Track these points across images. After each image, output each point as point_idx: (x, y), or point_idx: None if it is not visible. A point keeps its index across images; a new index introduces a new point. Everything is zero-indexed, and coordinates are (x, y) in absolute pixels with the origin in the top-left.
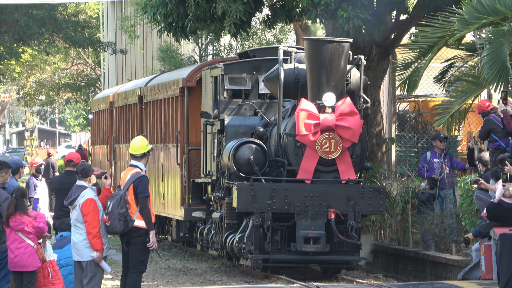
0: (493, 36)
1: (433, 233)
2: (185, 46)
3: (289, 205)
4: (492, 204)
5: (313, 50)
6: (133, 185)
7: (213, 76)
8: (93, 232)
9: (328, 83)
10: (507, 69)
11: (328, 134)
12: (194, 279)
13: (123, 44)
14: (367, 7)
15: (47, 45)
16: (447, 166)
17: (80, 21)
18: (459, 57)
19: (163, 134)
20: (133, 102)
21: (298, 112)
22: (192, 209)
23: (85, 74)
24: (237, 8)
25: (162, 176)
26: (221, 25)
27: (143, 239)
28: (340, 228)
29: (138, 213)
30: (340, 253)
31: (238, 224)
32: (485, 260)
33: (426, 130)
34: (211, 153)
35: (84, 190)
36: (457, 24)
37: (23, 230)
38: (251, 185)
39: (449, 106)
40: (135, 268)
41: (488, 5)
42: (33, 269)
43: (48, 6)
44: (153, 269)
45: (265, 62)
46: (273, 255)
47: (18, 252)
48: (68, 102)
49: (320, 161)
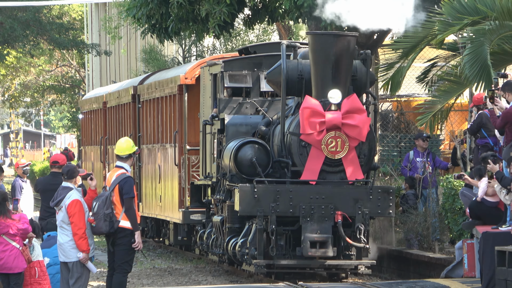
0: (474, 35)
1: (416, 232)
2: (168, 47)
3: (294, 207)
4: (475, 202)
5: (318, 45)
6: (118, 186)
7: (212, 74)
8: (79, 233)
9: (333, 79)
10: (488, 67)
11: (334, 132)
12: (179, 279)
13: (107, 46)
14: None
15: (31, 47)
16: (429, 165)
17: (64, 23)
18: (441, 56)
19: (160, 133)
20: (127, 101)
21: (303, 110)
22: (191, 211)
23: (70, 76)
24: (221, 10)
25: (159, 177)
26: (204, 27)
27: (129, 240)
28: (348, 231)
29: (124, 214)
30: (348, 257)
31: (240, 228)
32: (467, 258)
33: (408, 129)
34: (211, 154)
35: (70, 191)
36: (439, 25)
37: (8, 233)
38: (254, 187)
39: (431, 105)
40: (121, 269)
41: (468, 5)
42: (19, 271)
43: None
44: (138, 269)
45: (266, 58)
46: (277, 260)
47: (4, 255)
48: (53, 104)
49: (326, 161)
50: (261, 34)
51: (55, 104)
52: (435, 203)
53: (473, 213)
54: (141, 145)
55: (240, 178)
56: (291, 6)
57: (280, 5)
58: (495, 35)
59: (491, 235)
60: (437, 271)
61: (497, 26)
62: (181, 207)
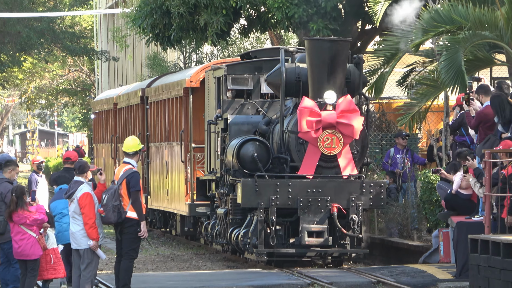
0: (449, 43)
1: (396, 222)
2: (171, 54)
3: (292, 200)
4: (450, 195)
5: (314, 50)
6: (126, 180)
7: (216, 77)
8: (90, 223)
9: (328, 81)
10: (462, 73)
11: (329, 130)
12: (181, 264)
13: (115, 52)
14: (336, 18)
15: (46, 54)
16: (408, 161)
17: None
18: (419, 62)
19: (167, 132)
20: (136, 102)
21: (300, 110)
22: (196, 204)
23: (81, 80)
24: (218, 19)
25: (166, 173)
26: (203, 35)
27: (135, 229)
28: (342, 222)
29: (131, 205)
30: (342, 246)
31: (242, 220)
32: (443, 245)
33: (389, 128)
34: (215, 151)
35: (81, 185)
36: (416, 31)
37: (25, 223)
38: (255, 182)
39: (410, 107)
40: (128, 255)
41: (444, 15)
42: (36, 258)
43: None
44: (144, 256)
45: (266, 62)
46: (277, 249)
47: (22, 243)
48: (66, 105)
49: (322, 157)
50: (255, 42)
51: (68, 105)
52: (414, 196)
53: (448, 204)
54: (149, 143)
55: (242, 173)
56: (282, 17)
57: (272, 16)
58: (469, 43)
59: (465, 225)
60: (416, 257)
61: (470, 35)
62: (187, 201)
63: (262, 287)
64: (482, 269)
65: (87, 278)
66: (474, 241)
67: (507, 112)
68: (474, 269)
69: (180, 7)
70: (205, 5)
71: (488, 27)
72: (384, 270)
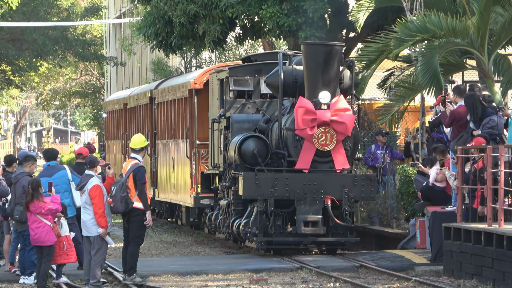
0: (425, 50)
1: (377, 211)
2: (173, 59)
3: (289, 192)
4: (426, 187)
5: (310, 53)
6: (132, 173)
7: (219, 79)
8: (99, 212)
9: (323, 83)
10: (438, 76)
11: (324, 128)
12: (182, 250)
13: (123, 58)
14: (322, 27)
15: (60, 60)
16: (388, 156)
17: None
18: (398, 67)
19: (173, 130)
20: (144, 103)
21: (297, 109)
22: (201, 197)
23: (91, 83)
24: (215, 28)
25: (172, 167)
26: (202, 42)
27: (141, 218)
28: (336, 212)
29: (137, 197)
30: (336, 235)
31: (243, 210)
32: (420, 233)
33: (370, 127)
34: (218, 147)
35: (91, 178)
36: (394, 41)
37: (41, 213)
38: (255, 175)
39: (389, 107)
40: (134, 242)
41: (419, 25)
42: (51, 244)
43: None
44: (148, 242)
45: (266, 65)
46: (275, 238)
47: (38, 231)
48: (78, 106)
49: (317, 152)
50: (249, 48)
51: (80, 106)
52: (393, 188)
53: (424, 196)
54: (156, 140)
55: (243, 167)
56: (273, 26)
57: (264, 25)
58: (443, 49)
59: (439, 214)
60: (395, 244)
61: (444, 42)
62: (192, 193)
63: (256, 271)
64: (455, 254)
65: (97, 262)
66: (447, 229)
67: (479, 110)
68: (447, 254)
69: (181, 17)
70: (203, 15)
71: (460, 35)
72: (366, 255)
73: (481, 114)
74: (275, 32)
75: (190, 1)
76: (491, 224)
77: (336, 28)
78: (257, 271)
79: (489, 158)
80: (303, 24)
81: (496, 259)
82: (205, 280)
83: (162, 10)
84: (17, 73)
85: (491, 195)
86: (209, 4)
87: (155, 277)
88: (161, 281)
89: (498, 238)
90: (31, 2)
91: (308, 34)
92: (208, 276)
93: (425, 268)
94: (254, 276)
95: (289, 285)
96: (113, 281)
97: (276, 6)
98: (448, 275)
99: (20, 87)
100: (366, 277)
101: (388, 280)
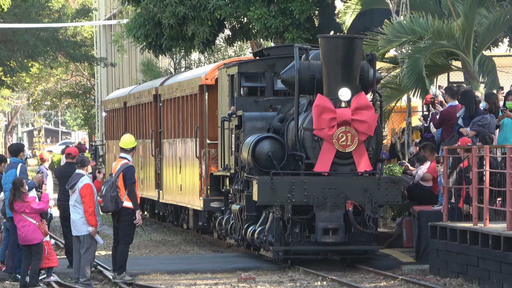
0: (411, 51)
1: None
2: (162, 60)
3: (308, 197)
4: (412, 186)
5: (328, 47)
6: (122, 173)
7: (229, 75)
8: (90, 211)
9: (343, 79)
10: (423, 78)
11: (344, 127)
12: (171, 249)
13: (113, 59)
14: (308, 29)
15: (51, 61)
16: None
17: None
18: (384, 68)
19: (181, 129)
20: (148, 101)
21: (315, 107)
22: (210, 200)
23: (82, 84)
24: (204, 30)
25: (179, 168)
26: (191, 44)
27: (131, 217)
28: (358, 218)
29: (127, 196)
30: (358, 243)
31: (257, 216)
32: (406, 232)
33: None
34: (229, 147)
35: (82, 177)
36: (381, 42)
37: (25, 212)
38: (271, 179)
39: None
40: (124, 240)
41: (406, 26)
42: (38, 242)
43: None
44: (138, 241)
45: (279, 60)
46: (293, 247)
47: (24, 230)
48: (69, 106)
49: (337, 154)
50: (238, 50)
51: (70, 106)
52: None
53: (411, 195)
54: (162, 140)
55: (257, 170)
56: (261, 27)
57: (253, 26)
58: (428, 51)
59: (425, 213)
60: (381, 242)
61: (430, 44)
62: (201, 195)
63: (244, 269)
64: (441, 253)
65: (86, 261)
66: (433, 228)
67: (474, 107)
68: (433, 253)
69: (170, 19)
70: (192, 17)
71: (445, 37)
72: None
73: (474, 111)
74: (262, 34)
75: (179, 3)
76: (477, 223)
77: (323, 30)
78: (245, 270)
79: (474, 158)
80: (290, 25)
81: (482, 258)
82: (194, 279)
83: (151, 12)
84: (8, 73)
85: (476, 195)
86: (197, 6)
87: (144, 275)
88: (150, 279)
89: (484, 237)
90: (23, 4)
91: (295, 35)
92: (196, 274)
93: (412, 267)
94: (242, 275)
95: (277, 284)
96: (103, 279)
97: (264, 8)
98: (434, 274)
99: (12, 87)
100: (353, 276)
101: (374, 278)
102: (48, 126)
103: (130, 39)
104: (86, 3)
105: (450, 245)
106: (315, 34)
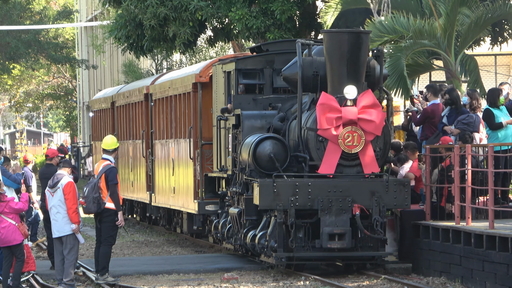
0: (393, 51)
1: None
2: (144, 62)
3: (312, 201)
4: None
5: (333, 42)
6: (104, 174)
7: (225, 71)
8: (73, 208)
9: (348, 76)
10: (404, 77)
11: (350, 127)
12: (154, 249)
13: (94, 61)
14: (290, 29)
15: (33, 62)
16: None
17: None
18: None
19: (174, 129)
20: (138, 100)
21: (319, 106)
22: (206, 202)
23: (64, 85)
24: (185, 31)
25: (173, 170)
26: (172, 45)
27: (113, 218)
28: (365, 223)
29: (109, 197)
30: (365, 249)
31: (257, 221)
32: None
33: None
34: (225, 147)
35: (64, 176)
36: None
37: (4, 211)
38: (273, 182)
39: None
40: (106, 242)
41: (388, 26)
42: (18, 243)
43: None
44: (121, 242)
45: (278, 55)
46: (297, 253)
47: (3, 231)
48: (51, 108)
49: (343, 155)
50: (220, 50)
51: (52, 108)
52: None
53: None
54: (153, 141)
55: (258, 172)
56: (242, 28)
57: (234, 27)
58: (410, 50)
59: (408, 213)
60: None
61: (411, 43)
62: (196, 198)
63: (227, 270)
64: (424, 252)
65: (70, 261)
66: (416, 227)
67: (460, 104)
68: (416, 252)
69: (151, 20)
70: (173, 18)
71: (427, 36)
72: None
73: (461, 108)
74: (244, 34)
75: (160, 4)
76: (459, 222)
77: (304, 30)
78: (228, 270)
79: (456, 157)
80: (271, 26)
81: (464, 257)
82: (177, 279)
83: (132, 13)
84: None
85: (458, 194)
86: (179, 7)
87: (127, 276)
88: (133, 280)
89: (466, 235)
90: (4, 6)
91: (276, 36)
92: (179, 275)
93: (394, 265)
94: (225, 275)
95: (260, 284)
96: (86, 280)
97: (245, 8)
98: (417, 273)
99: None
100: (336, 275)
101: (357, 277)
102: (30, 128)
103: (111, 40)
104: (67, 5)
105: (433, 244)
106: (296, 34)
